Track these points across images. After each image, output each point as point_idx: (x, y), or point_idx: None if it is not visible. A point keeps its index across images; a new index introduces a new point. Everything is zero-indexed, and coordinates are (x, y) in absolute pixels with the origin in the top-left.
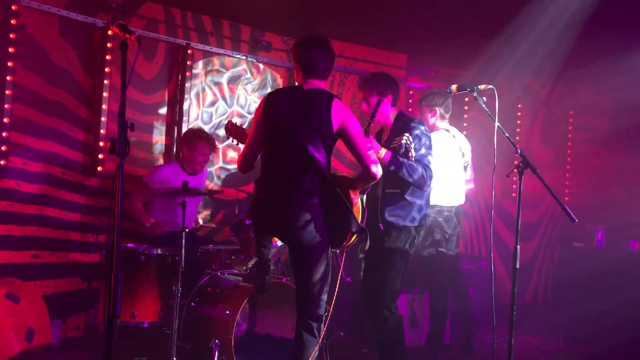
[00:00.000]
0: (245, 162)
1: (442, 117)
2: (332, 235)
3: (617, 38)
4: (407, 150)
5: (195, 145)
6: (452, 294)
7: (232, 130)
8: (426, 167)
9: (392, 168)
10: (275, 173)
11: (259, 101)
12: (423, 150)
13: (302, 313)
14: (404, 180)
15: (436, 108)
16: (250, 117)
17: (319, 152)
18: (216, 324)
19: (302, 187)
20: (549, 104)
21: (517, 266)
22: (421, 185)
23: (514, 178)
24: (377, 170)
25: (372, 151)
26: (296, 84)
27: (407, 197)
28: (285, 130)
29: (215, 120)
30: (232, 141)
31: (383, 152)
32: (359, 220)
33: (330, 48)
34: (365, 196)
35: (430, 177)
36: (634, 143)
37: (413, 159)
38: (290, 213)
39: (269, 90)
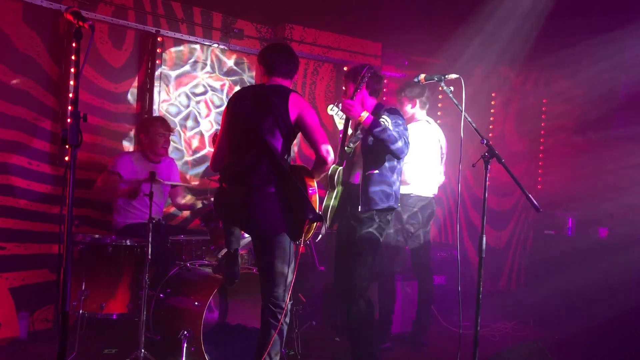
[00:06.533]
0: (215, 158)
1: (422, 108)
2: (290, 223)
3: (588, 25)
4: (385, 128)
5: (151, 128)
6: (418, 285)
7: None
8: (406, 140)
9: (375, 130)
10: (236, 162)
11: (231, 90)
12: (401, 128)
13: (266, 300)
14: (381, 162)
15: (416, 99)
16: (221, 109)
17: (276, 142)
18: (185, 315)
19: (259, 174)
20: (522, 93)
21: (483, 255)
22: (399, 153)
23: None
24: (328, 153)
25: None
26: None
27: (385, 180)
28: (246, 122)
29: (185, 110)
30: None
31: (365, 114)
32: (316, 207)
33: (292, 53)
34: (340, 186)
35: (407, 150)
36: (605, 131)
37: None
38: (247, 201)
39: (243, 78)
